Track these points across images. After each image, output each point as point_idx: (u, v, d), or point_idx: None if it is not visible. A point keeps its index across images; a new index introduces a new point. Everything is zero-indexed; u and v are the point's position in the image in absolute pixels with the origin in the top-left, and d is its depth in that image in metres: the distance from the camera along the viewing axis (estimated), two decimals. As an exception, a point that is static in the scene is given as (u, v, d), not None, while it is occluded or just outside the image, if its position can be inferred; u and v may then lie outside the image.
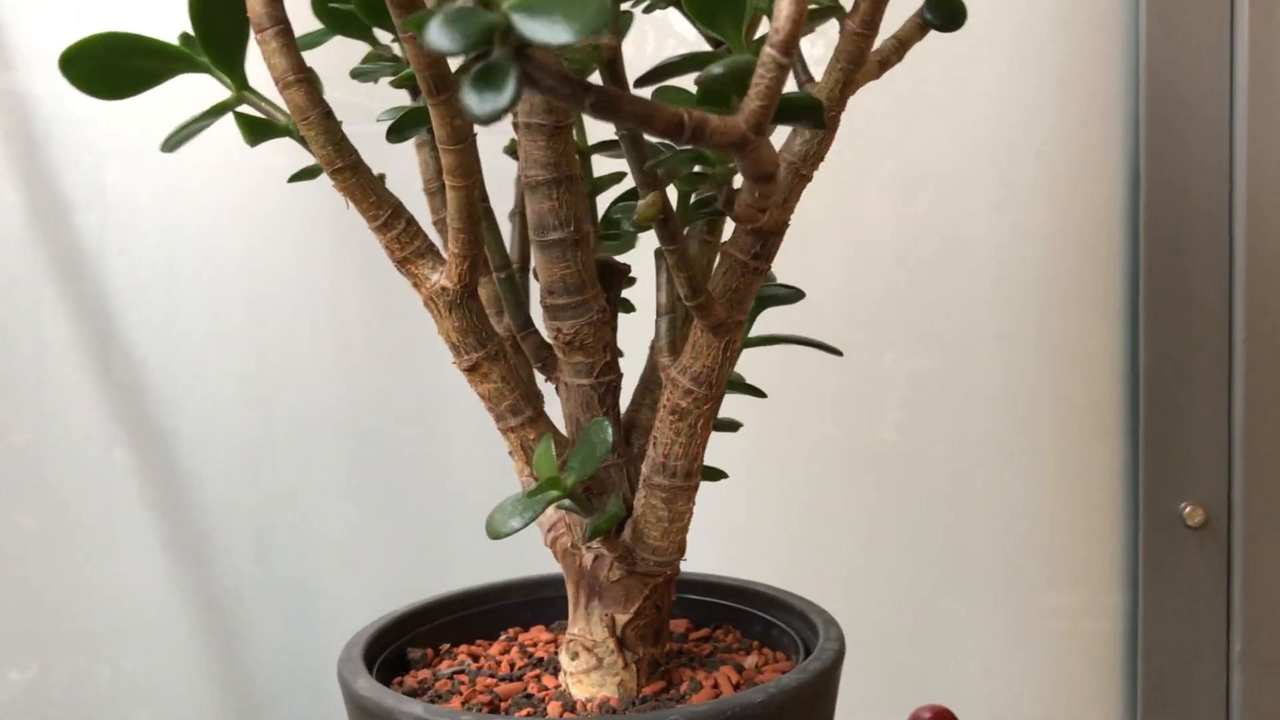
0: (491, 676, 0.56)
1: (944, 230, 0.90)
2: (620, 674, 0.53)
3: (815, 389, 0.91)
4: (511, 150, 0.56)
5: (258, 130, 0.49)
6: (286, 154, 0.54)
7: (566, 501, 0.49)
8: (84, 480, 0.88)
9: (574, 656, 0.54)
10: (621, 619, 0.53)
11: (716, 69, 0.33)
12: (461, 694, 0.54)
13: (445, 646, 0.60)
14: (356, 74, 0.56)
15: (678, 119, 0.31)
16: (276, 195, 0.88)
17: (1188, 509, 0.91)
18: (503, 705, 0.53)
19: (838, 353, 0.55)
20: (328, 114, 0.47)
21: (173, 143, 0.52)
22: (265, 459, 0.89)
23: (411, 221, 0.49)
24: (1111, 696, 0.93)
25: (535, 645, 0.60)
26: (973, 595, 0.93)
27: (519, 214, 0.57)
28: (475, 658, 0.59)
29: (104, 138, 0.87)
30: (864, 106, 0.60)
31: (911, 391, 0.91)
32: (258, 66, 0.50)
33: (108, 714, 0.89)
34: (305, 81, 0.46)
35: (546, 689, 0.54)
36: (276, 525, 0.90)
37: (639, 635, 0.53)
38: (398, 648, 0.58)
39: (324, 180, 0.55)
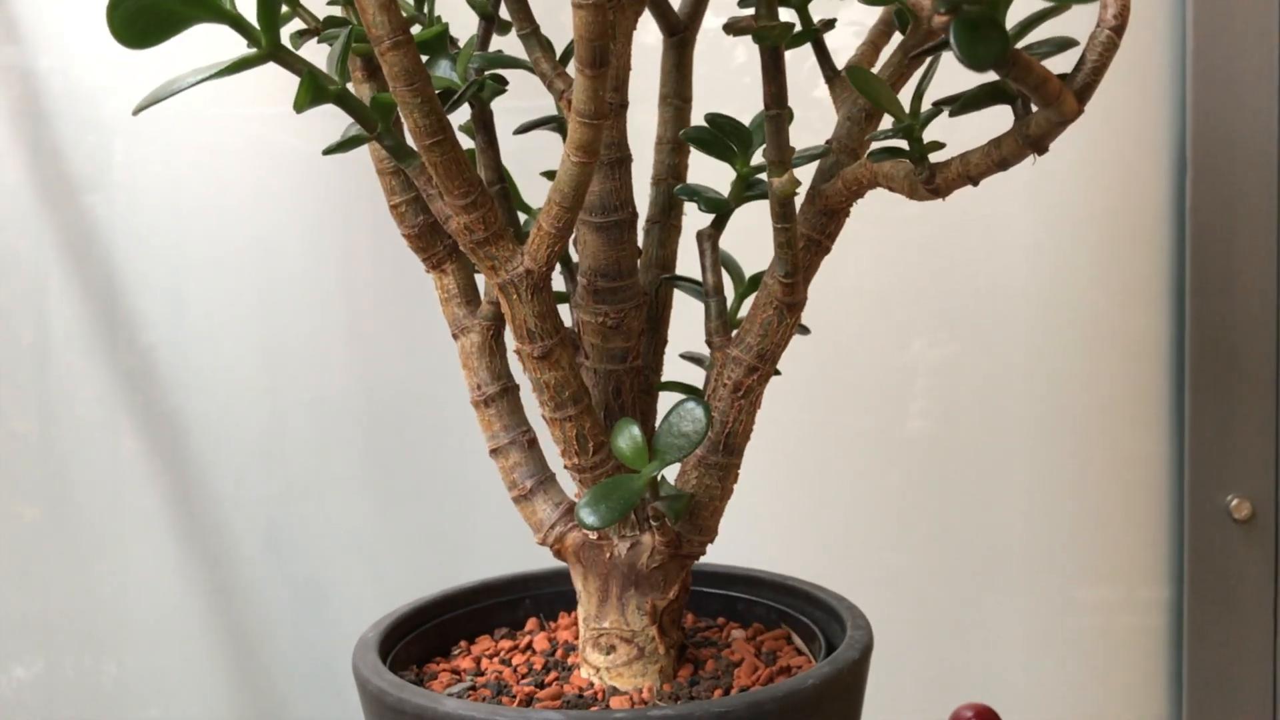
0: (505, 688, 0.53)
1: (979, 214, 0.87)
2: (661, 660, 0.53)
3: (845, 377, 0.87)
4: (468, 130, 0.54)
5: (318, 94, 0.43)
6: (297, 133, 0.48)
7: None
8: (89, 470, 0.84)
9: (609, 651, 0.52)
10: (661, 604, 0.52)
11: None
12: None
13: (412, 668, 0.56)
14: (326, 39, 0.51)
15: (1059, 86, 0.34)
16: (289, 176, 0.81)
17: (1234, 502, 0.87)
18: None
19: (805, 330, 0.58)
20: (429, 80, 0.43)
21: (146, 102, 0.45)
22: (276, 449, 0.84)
23: (493, 202, 0.46)
24: (1156, 693, 0.90)
25: (498, 654, 0.57)
26: (1012, 590, 0.90)
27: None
28: (456, 673, 0.55)
29: (110, 114, 0.79)
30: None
31: (944, 380, 0.88)
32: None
33: (114, 711, 0.85)
34: (410, 43, 0.42)
35: (583, 689, 0.52)
36: (288, 517, 0.86)
37: (672, 619, 0.53)
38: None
39: (337, 161, 0.50)
